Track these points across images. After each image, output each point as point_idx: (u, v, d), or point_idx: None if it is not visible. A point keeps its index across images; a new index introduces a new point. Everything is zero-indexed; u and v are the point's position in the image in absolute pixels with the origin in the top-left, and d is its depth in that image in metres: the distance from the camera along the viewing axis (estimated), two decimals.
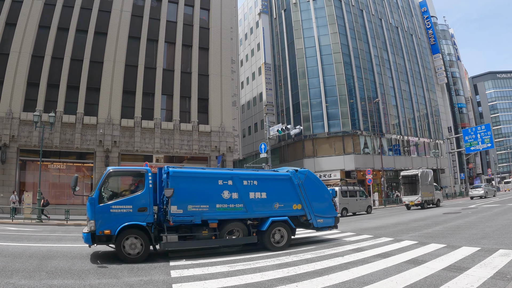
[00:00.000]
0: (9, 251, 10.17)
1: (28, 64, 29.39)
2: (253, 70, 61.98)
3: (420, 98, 61.14)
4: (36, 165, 27.64)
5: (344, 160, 45.33)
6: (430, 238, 11.86)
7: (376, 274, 7.13)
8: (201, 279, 7.00)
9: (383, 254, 9.39)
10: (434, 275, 6.86)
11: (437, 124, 64.64)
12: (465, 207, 27.49)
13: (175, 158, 33.77)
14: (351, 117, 46.70)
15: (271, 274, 7.38)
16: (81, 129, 29.62)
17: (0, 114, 27.82)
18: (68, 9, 31.59)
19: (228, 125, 34.83)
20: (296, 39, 51.87)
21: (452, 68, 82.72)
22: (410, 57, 62.15)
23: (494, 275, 6.61)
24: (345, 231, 15.66)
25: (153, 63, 33.61)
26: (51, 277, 7.12)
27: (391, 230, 15.01)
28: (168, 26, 34.88)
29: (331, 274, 7.21)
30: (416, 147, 56.78)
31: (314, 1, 52.12)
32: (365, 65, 51.27)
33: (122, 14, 33.08)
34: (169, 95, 33.62)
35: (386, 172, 49.00)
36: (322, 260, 8.84)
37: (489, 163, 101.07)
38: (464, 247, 9.71)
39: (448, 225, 15.81)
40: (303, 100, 49.13)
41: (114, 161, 30.26)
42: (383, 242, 11.54)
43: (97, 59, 31.43)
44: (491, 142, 50.86)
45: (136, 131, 31.20)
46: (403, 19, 64.35)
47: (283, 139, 51.68)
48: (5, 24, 29.79)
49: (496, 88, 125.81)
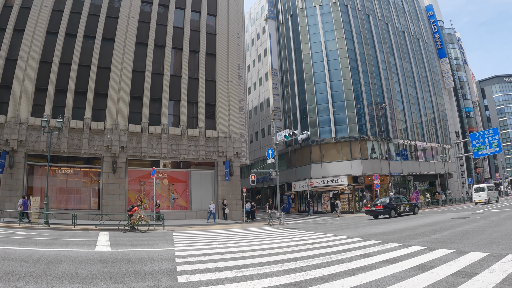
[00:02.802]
0: (16, 255, 10.20)
1: (36, 69, 29.66)
2: (260, 75, 62.07)
3: (427, 103, 60.83)
4: (44, 170, 27.84)
5: (351, 165, 45.14)
6: (438, 244, 11.76)
7: (384, 280, 7.08)
8: (208, 285, 6.97)
9: (391, 259, 9.32)
10: (442, 280, 6.80)
11: (445, 128, 64.25)
12: (473, 212, 27.27)
13: (182, 164, 33.89)
14: (358, 122, 46.52)
15: (278, 280, 7.34)
16: (89, 134, 29.78)
17: (8, 119, 28.07)
18: (76, 15, 31.89)
19: (235, 130, 34.87)
20: (302, 44, 51.88)
21: (459, 72, 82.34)
22: (417, 62, 61.92)
23: (503, 280, 6.53)
24: (352, 236, 15.57)
25: (160, 69, 33.78)
26: (58, 281, 7.12)
27: (398, 236, 14.91)
28: (175, 32, 35.07)
29: (338, 280, 7.16)
30: (423, 152, 56.44)
31: (320, 7, 52.14)
32: (372, 70, 51.13)
33: (130, 20, 33.32)
34: (176, 101, 33.75)
35: (394, 177, 48.75)
36: (329, 266, 8.78)
37: (497, 168, 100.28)
38: (472, 253, 9.61)
39: (456, 230, 15.68)
40: (310, 106, 49.07)
41: (121, 166, 30.38)
42: (390, 248, 11.45)
43: (105, 65, 31.66)
44: (499, 146, 50.54)
45: (144, 137, 31.31)
46: (409, 23, 64.20)
47: (290, 145, 51.63)
48: (13, 30, 30.14)
49: (504, 91, 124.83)
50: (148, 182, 31.43)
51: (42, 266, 8.67)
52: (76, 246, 12.99)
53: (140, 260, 9.96)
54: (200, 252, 11.60)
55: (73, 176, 30.81)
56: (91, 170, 31.40)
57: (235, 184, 34.22)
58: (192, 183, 33.79)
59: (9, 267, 8.37)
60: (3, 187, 27.30)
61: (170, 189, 33.13)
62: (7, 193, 27.14)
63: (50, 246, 12.82)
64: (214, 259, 10.22)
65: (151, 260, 10.02)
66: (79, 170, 31.01)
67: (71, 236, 17.25)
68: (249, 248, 12.75)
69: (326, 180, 45.54)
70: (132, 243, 14.42)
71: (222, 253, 11.28)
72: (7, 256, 9.84)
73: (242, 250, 12.18)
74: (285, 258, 10.18)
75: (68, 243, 14.01)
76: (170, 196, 33.02)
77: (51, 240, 14.91)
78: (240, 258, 10.35)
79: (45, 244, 13.21)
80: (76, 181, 30.94)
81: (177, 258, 10.37)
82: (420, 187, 56.18)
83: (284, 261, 9.63)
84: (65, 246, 12.82)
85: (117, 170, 30.20)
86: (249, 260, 9.93)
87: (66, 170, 30.52)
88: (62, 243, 13.72)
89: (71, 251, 11.71)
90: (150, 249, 12.57)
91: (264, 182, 59.32)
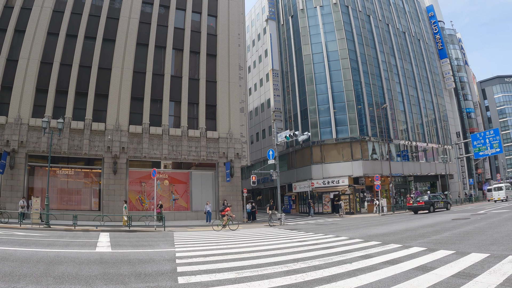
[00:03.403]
0: (16, 255, 10.20)
1: (36, 70, 29.69)
2: (260, 76, 62.07)
3: (428, 103, 60.78)
4: (45, 170, 27.84)
5: (352, 166, 45.12)
6: (438, 245, 11.75)
7: (384, 281, 7.07)
8: (209, 286, 6.97)
9: (392, 260, 9.30)
10: (443, 282, 6.78)
11: (446, 129, 64.18)
12: (474, 213, 27.24)
13: (183, 165, 33.88)
14: (359, 123, 46.49)
15: (278, 281, 7.33)
16: (89, 135, 29.80)
17: (9, 120, 28.10)
18: (77, 16, 31.92)
19: (236, 131, 34.87)
20: (303, 45, 51.88)
21: (460, 73, 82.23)
22: (418, 62, 61.89)
23: (504, 281, 6.51)
24: (353, 237, 15.56)
25: (161, 69, 33.80)
26: (58, 282, 7.12)
27: (399, 237, 14.89)
28: (176, 33, 35.09)
29: (339, 281, 7.15)
30: (424, 153, 56.39)
31: (321, 7, 52.15)
32: (372, 71, 51.09)
33: (130, 21, 33.35)
34: (177, 102, 33.76)
35: (395, 178, 48.73)
36: (330, 267, 8.77)
37: (498, 168, 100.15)
38: (473, 254, 9.60)
39: (457, 231, 15.66)
40: (311, 106, 49.04)
41: (122, 167, 30.40)
42: (391, 249, 11.44)
43: (106, 66, 31.68)
44: (500, 147, 50.52)
45: (144, 138, 31.32)
46: (410, 24, 64.17)
47: (291, 146, 51.62)
48: (14, 31, 30.17)
49: (505, 92, 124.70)
50: (149, 183, 31.43)
51: (43, 267, 8.67)
52: (77, 247, 13.00)
53: (140, 261, 9.95)
54: (200, 253, 11.60)
55: (74, 177, 30.83)
56: (91, 171, 31.41)
57: (235, 185, 34.21)
58: (193, 184, 33.79)
59: (9, 268, 8.37)
60: (3, 188, 27.32)
61: (170, 190, 33.13)
62: (8, 194, 27.16)
63: (51, 247, 12.82)
64: (215, 260, 10.21)
65: (152, 261, 10.01)
66: (79, 171, 31.03)
67: (71, 237, 17.26)
68: (250, 249, 12.74)
69: (327, 181, 45.51)
70: (132, 244, 14.43)
71: (223, 254, 11.27)
72: (7, 257, 9.84)
73: (242, 251, 12.17)
74: (286, 259, 10.17)
75: (68, 244, 14.01)
76: (171, 197, 33.01)
77: (51, 241, 14.91)
78: (241, 259, 10.34)
79: (45, 245, 13.21)
80: (77, 182, 30.96)
81: (178, 259, 10.37)
82: (421, 188, 56.13)
83: (285, 262, 9.62)
84: (65, 247, 12.82)
85: (118, 171, 30.21)
86: (249, 261, 9.92)
87: (67, 171, 30.55)
88: (62, 244, 13.73)
89: (71, 252, 11.71)
90: (150, 250, 12.57)
91: (265, 183, 59.31)
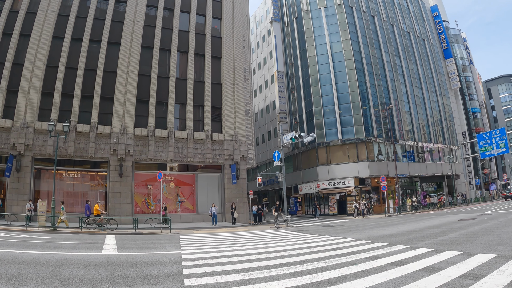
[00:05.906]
0: (23, 258, 10.23)
1: (42, 74, 29.83)
2: (265, 78, 62.08)
3: (434, 104, 60.54)
4: (51, 173, 27.97)
5: (358, 167, 45.00)
6: (445, 245, 11.69)
7: (391, 282, 7.03)
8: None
9: (398, 262, 9.26)
10: (449, 283, 6.74)
11: (451, 129, 63.90)
12: (481, 213, 27.10)
13: (189, 167, 33.90)
14: (364, 124, 46.37)
15: (285, 283, 7.31)
16: (95, 138, 29.89)
17: (15, 123, 28.23)
18: (82, 19, 32.07)
19: (241, 133, 34.87)
20: (308, 46, 51.84)
21: (465, 73, 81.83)
22: (423, 62, 61.67)
23: (511, 282, 6.47)
24: (359, 239, 15.51)
25: (166, 72, 33.88)
26: (64, 284, 7.13)
27: (406, 238, 14.83)
28: (181, 36, 35.17)
29: (345, 283, 7.12)
30: (430, 153, 56.16)
31: (325, 9, 52.11)
32: (377, 71, 50.97)
33: (135, 24, 33.46)
34: (182, 104, 33.81)
35: (401, 178, 48.55)
36: (336, 268, 8.74)
37: (505, 168, 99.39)
38: (480, 254, 9.54)
39: (464, 232, 15.57)
40: (316, 108, 48.99)
41: (128, 170, 30.46)
42: (398, 250, 11.39)
43: (111, 69, 31.80)
44: (506, 146, 50.22)
45: (150, 140, 31.39)
46: (414, 24, 63.98)
47: (296, 147, 51.59)
48: (19, 35, 30.34)
49: (510, 91, 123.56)
50: (155, 185, 31.49)
51: (49, 269, 8.69)
52: (83, 250, 13.03)
53: (146, 263, 9.96)
54: (206, 255, 11.59)
55: (80, 179, 30.93)
56: (97, 174, 31.51)
57: (241, 187, 34.19)
58: (199, 186, 33.81)
59: (16, 270, 8.40)
60: (10, 191, 27.45)
61: (176, 192, 33.17)
62: (14, 197, 27.29)
63: (57, 249, 12.86)
64: (221, 262, 10.19)
65: (158, 263, 10.01)
66: (85, 173, 31.15)
67: (78, 239, 17.30)
68: (256, 251, 12.73)
69: (332, 182, 45.41)
70: (138, 247, 14.44)
71: (229, 256, 11.26)
72: (14, 260, 9.88)
73: (248, 253, 12.16)
74: (292, 261, 10.14)
75: (75, 246, 14.05)
76: (177, 199, 33.05)
77: (58, 243, 14.95)
78: (247, 261, 10.33)
79: (52, 248, 13.26)
80: (83, 184, 31.06)
81: (184, 261, 10.36)
82: (428, 188, 55.90)
83: (291, 264, 9.60)
84: (71, 250, 12.85)
85: (124, 174, 30.28)
86: (255, 263, 9.91)
87: (73, 174, 30.66)
88: (69, 247, 13.76)
89: (77, 254, 11.73)
90: (156, 252, 12.58)
91: (271, 185, 59.23)
